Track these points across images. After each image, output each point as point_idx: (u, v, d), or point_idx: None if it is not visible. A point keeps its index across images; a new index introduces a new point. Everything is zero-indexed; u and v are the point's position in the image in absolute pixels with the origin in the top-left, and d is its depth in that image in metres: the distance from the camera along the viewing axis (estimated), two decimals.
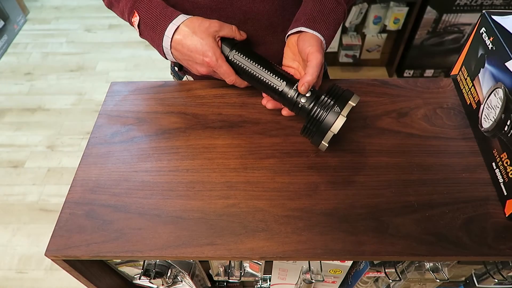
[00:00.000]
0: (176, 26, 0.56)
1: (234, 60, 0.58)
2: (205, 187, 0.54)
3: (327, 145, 0.52)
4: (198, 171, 0.56)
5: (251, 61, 0.57)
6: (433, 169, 0.55)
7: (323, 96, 0.52)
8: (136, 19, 0.59)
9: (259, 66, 0.57)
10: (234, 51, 0.58)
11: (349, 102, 0.50)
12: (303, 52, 0.55)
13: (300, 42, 0.56)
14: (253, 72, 0.57)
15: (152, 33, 0.58)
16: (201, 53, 0.56)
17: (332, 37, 0.60)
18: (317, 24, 0.57)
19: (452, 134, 0.60)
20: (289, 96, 0.55)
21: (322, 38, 0.56)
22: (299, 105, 0.54)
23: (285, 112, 0.59)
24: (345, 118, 0.49)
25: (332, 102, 0.50)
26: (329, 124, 0.50)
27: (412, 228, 0.49)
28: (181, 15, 0.58)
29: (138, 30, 0.60)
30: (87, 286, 0.58)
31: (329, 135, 0.51)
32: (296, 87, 0.54)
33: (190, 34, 0.56)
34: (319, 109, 0.51)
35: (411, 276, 0.66)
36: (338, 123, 0.50)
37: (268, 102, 0.60)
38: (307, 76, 0.52)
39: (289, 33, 0.59)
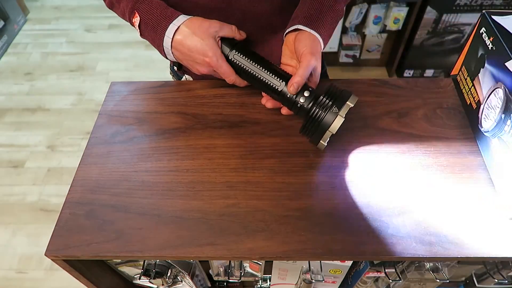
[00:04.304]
0: (177, 27, 0.57)
1: (234, 60, 0.58)
2: (205, 187, 0.54)
3: (326, 145, 0.53)
4: (198, 171, 0.56)
5: (251, 61, 0.58)
6: (433, 169, 0.55)
7: (321, 96, 0.52)
8: (136, 20, 0.59)
9: (258, 66, 0.57)
10: (234, 51, 0.58)
11: (347, 102, 0.51)
12: (298, 53, 0.56)
13: (296, 42, 0.56)
14: (252, 72, 0.57)
15: (152, 33, 0.59)
16: (202, 53, 0.56)
17: (330, 35, 0.60)
18: (314, 22, 0.57)
19: (452, 134, 0.60)
20: (288, 96, 0.55)
21: (319, 37, 0.57)
22: (298, 105, 0.55)
23: (285, 111, 0.59)
24: (343, 119, 0.50)
25: (330, 103, 0.51)
26: (328, 124, 0.50)
27: (412, 228, 0.49)
28: (181, 15, 0.58)
29: (138, 30, 0.60)
30: (87, 286, 0.58)
31: (328, 135, 0.51)
32: None
33: (190, 35, 0.56)
34: (317, 109, 0.52)
35: (411, 276, 0.66)
36: (336, 123, 0.50)
37: (267, 101, 0.60)
38: (296, 77, 0.53)
39: (286, 31, 0.59)
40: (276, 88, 0.56)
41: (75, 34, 2.41)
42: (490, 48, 0.55)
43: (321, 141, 0.53)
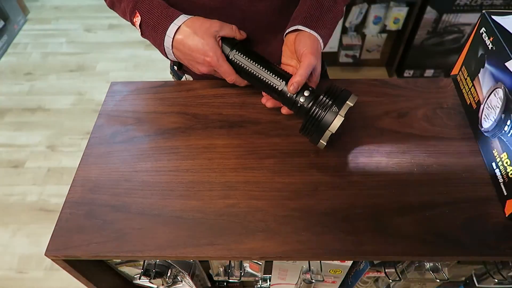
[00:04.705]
0: (178, 26, 0.57)
1: (234, 60, 0.58)
2: (205, 187, 0.54)
3: (326, 144, 0.53)
4: (198, 171, 0.56)
5: (251, 61, 0.58)
6: (433, 169, 0.55)
7: (321, 96, 0.52)
8: (137, 19, 0.59)
9: (259, 65, 0.57)
10: (235, 50, 0.58)
11: (347, 102, 0.51)
12: (298, 53, 0.56)
13: (297, 42, 0.56)
14: (253, 72, 0.57)
15: (153, 33, 0.59)
16: (202, 52, 0.57)
17: (330, 35, 0.60)
18: (314, 22, 0.57)
19: (452, 134, 0.60)
20: (288, 95, 0.55)
21: (319, 37, 0.57)
22: (298, 104, 0.55)
23: (285, 110, 0.59)
24: (343, 118, 0.50)
25: (330, 102, 0.51)
26: (327, 123, 0.51)
27: (412, 228, 0.49)
28: (182, 15, 0.58)
29: (139, 30, 0.61)
30: (87, 286, 0.58)
31: (327, 134, 0.51)
32: None
33: (191, 34, 0.56)
34: (317, 108, 0.52)
35: (411, 276, 0.66)
36: (336, 123, 0.50)
37: (267, 101, 0.60)
38: (296, 76, 0.53)
39: (286, 31, 0.59)
40: (276, 87, 0.56)
41: (75, 34, 2.41)
42: (490, 48, 0.55)
43: (321, 140, 0.53)
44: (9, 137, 1.83)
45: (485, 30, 0.57)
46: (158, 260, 0.64)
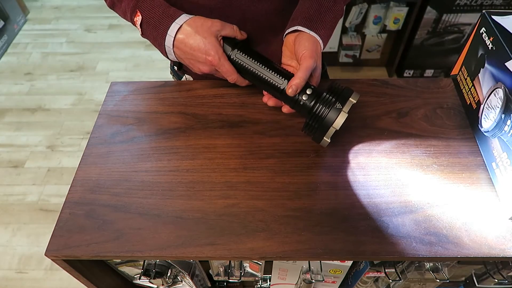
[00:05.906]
0: (179, 26, 0.57)
1: (235, 59, 0.59)
2: (205, 187, 0.54)
3: (329, 141, 0.53)
4: (198, 171, 0.56)
5: (253, 60, 0.58)
6: (433, 169, 0.55)
7: (324, 94, 0.53)
8: (138, 19, 0.59)
9: (261, 65, 0.57)
10: (236, 50, 0.59)
11: (350, 99, 0.51)
12: (297, 55, 0.56)
13: (296, 43, 0.56)
14: (255, 71, 0.58)
15: (154, 32, 0.59)
16: (204, 51, 0.57)
17: (329, 36, 0.60)
18: (313, 23, 0.57)
19: (452, 134, 0.60)
20: None
21: (318, 38, 0.57)
22: (301, 103, 0.55)
23: (286, 109, 0.59)
24: (347, 115, 0.50)
25: (333, 99, 0.51)
26: (331, 120, 0.51)
27: (412, 228, 0.49)
28: (183, 14, 0.58)
29: (140, 29, 0.60)
30: (87, 286, 0.58)
31: (331, 131, 0.52)
32: None
33: (193, 33, 0.56)
34: (320, 106, 0.52)
35: (411, 276, 0.66)
36: (340, 119, 0.51)
37: (269, 100, 0.60)
38: (295, 79, 0.54)
39: (286, 32, 0.59)
40: (279, 86, 0.56)
41: (75, 34, 2.41)
42: (490, 48, 0.55)
43: (324, 137, 0.53)
44: (9, 137, 1.83)
45: (485, 30, 0.57)
46: (158, 260, 0.64)
